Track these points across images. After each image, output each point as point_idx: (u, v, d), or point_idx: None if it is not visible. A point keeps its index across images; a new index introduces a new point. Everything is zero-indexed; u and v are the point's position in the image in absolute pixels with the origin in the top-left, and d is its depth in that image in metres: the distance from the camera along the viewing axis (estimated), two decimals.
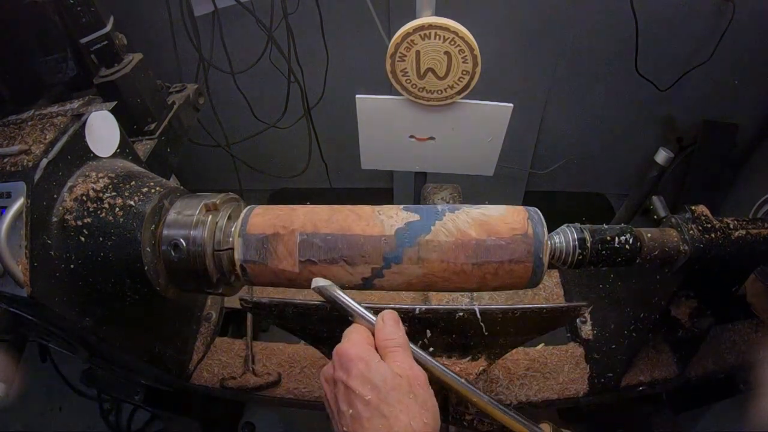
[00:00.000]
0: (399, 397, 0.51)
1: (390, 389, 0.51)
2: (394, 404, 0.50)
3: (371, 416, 0.50)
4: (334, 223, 0.64)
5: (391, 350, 0.56)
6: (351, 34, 1.63)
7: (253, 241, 0.64)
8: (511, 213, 0.64)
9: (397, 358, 0.55)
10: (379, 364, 0.53)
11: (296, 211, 0.66)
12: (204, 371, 1.02)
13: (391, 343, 0.56)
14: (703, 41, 1.58)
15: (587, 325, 1.02)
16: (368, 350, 0.55)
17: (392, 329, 0.57)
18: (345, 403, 0.53)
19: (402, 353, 0.56)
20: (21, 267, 0.60)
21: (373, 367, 0.53)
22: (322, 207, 0.68)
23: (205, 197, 0.70)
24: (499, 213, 0.64)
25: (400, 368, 0.54)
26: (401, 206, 0.66)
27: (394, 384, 0.51)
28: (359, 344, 0.55)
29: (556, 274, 1.15)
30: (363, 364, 0.53)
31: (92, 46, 0.92)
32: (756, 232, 0.72)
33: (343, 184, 2.04)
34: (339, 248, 0.63)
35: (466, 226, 0.62)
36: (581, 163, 1.97)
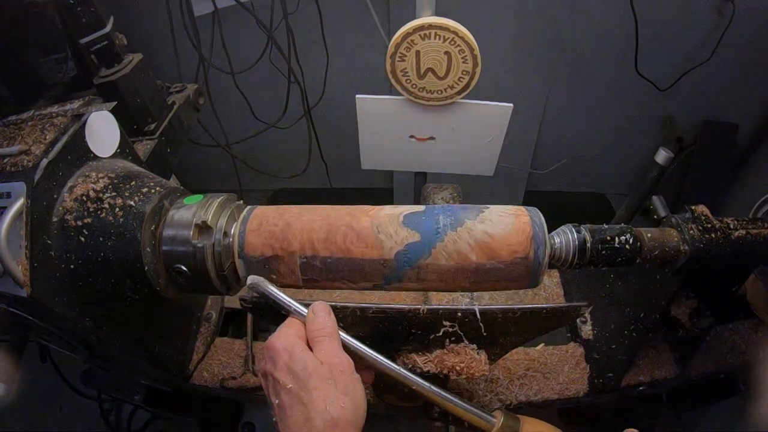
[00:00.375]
0: (317, 383, 0.52)
1: (308, 376, 0.52)
2: (311, 390, 0.52)
3: (292, 404, 0.52)
4: (333, 245, 0.63)
5: (319, 340, 0.57)
6: (351, 34, 1.63)
7: (253, 262, 0.65)
8: (515, 230, 0.62)
9: (323, 346, 0.56)
10: (302, 353, 0.55)
11: (292, 227, 0.64)
12: (204, 371, 1.02)
13: (319, 333, 0.58)
14: (703, 41, 1.58)
15: (587, 325, 1.02)
16: (294, 341, 0.56)
17: (321, 320, 0.59)
18: (273, 395, 0.55)
19: (328, 342, 0.57)
20: (21, 267, 0.60)
21: (296, 357, 0.54)
22: (317, 216, 0.65)
23: (195, 211, 0.69)
24: (502, 230, 0.62)
25: (324, 356, 0.55)
26: (401, 214, 0.64)
27: (313, 371, 0.53)
28: (285, 336, 0.57)
29: (556, 274, 1.15)
30: (287, 354, 0.55)
31: (92, 46, 0.92)
32: (756, 232, 0.72)
33: (343, 184, 2.04)
34: (340, 270, 0.63)
35: (467, 249, 0.61)
36: (581, 163, 1.97)
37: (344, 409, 0.51)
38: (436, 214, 0.64)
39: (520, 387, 0.95)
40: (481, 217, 0.63)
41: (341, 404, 0.51)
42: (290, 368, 0.54)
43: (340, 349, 0.57)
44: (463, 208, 0.66)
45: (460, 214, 0.64)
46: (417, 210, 0.65)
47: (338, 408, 0.51)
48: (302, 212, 0.66)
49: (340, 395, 0.52)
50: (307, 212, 0.66)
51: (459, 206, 0.67)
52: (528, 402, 0.94)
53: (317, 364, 0.54)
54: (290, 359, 0.54)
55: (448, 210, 0.65)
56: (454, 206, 0.67)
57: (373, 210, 0.66)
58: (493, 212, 0.64)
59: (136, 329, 0.83)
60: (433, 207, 0.66)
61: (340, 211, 0.66)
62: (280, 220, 0.65)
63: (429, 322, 0.66)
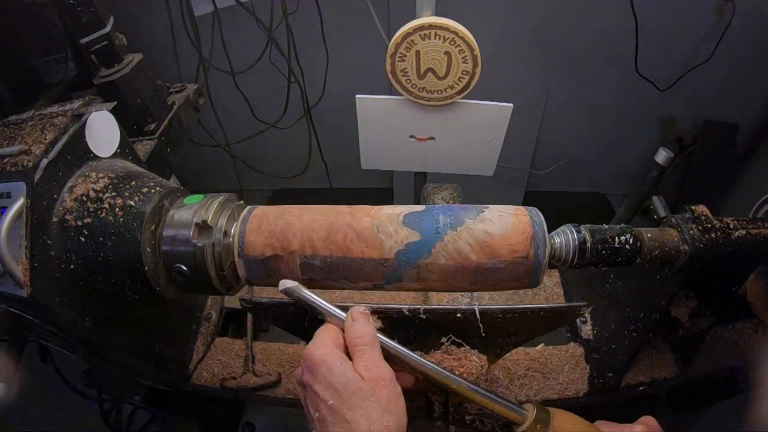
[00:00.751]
0: (359, 401, 0.51)
1: (351, 394, 0.51)
2: (354, 409, 0.50)
3: (334, 421, 0.51)
4: (333, 244, 0.62)
5: (359, 349, 0.56)
6: (351, 34, 1.63)
7: (253, 263, 0.65)
8: (515, 230, 0.62)
9: (364, 357, 0.55)
10: (342, 367, 0.53)
11: (292, 226, 0.64)
12: (204, 371, 1.02)
13: (359, 341, 0.56)
14: (703, 41, 1.58)
15: (587, 325, 1.01)
16: (333, 352, 0.55)
17: (360, 327, 0.57)
18: (312, 407, 0.53)
19: (369, 352, 0.55)
20: (21, 267, 0.60)
21: (335, 371, 0.53)
22: (319, 215, 0.65)
23: (195, 210, 0.69)
24: (502, 230, 0.62)
25: (365, 369, 0.54)
26: (401, 214, 0.64)
27: (356, 388, 0.51)
28: (324, 346, 0.55)
29: (556, 274, 1.15)
30: (326, 367, 0.53)
31: (92, 46, 0.92)
32: (756, 232, 0.72)
33: (343, 184, 2.04)
34: (340, 269, 0.63)
35: (468, 249, 0.61)
36: (581, 163, 1.98)
37: (388, 428, 0.50)
38: (436, 214, 0.64)
39: (520, 387, 0.95)
40: (481, 217, 0.63)
41: (385, 422, 0.50)
42: (330, 383, 0.52)
43: (381, 359, 0.55)
44: (463, 208, 0.65)
45: (460, 213, 0.64)
46: (417, 210, 0.65)
47: (382, 426, 0.50)
48: (302, 212, 0.66)
49: (383, 413, 0.51)
50: (307, 212, 0.66)
51: (459, 206, 0.66)
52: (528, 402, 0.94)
53: (359, 380, 0.52)
54: (329, 373, 0.52)
55: (448, 210, 0.64)
56: (454, 206, 0.67)
57: (374, 210, 0.65)
58: (493, 212, 0.64)
59: (136, 329, 0.83)
60: (433, 207, 0.66)
61: (340, 210, 0.66)
62: (281, 219, 0.65)
63: (429, 322, 0.66)
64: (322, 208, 0.67)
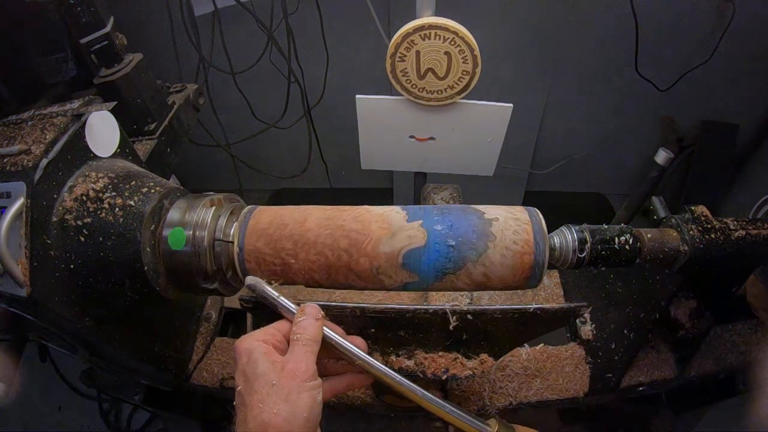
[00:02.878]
0: (259, 387, 0.53)
1: (255, 379, 0.53)
2: (252, 393, 0.53)
3: (239, 404, 0.54)
4: (335, 282, 0.65)
5: (293, 342, 0.57)
6: (351, 34, 1.63)
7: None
8: (514, 273, 0.62)
9: (293, 349, 0.57)
10: (258, 356, 0.55)
11: (291, 267, 0.64)
12: (204, 371, 1.02)
13: (295, 336, 0.58)
14: (703, 41, 1.58)
15: (587, 325, 1.01)
16: (256, 345, 0.56)
17: (303, 323, 0.59)
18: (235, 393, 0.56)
19: (300, 346, 0.57)
20: (21, 267, 0.60)
21: (252, 359, 0.55)
22: (313, 255, 0.63)
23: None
24: (501, 273, 0.62)
25: (287, 359, 0.55)
26: (401, 253, 0.61)
27: (261, 374, 0.53)
28: (251, 338, 0.58)
29: (556, 274, 1.15)
30: (245, 357, 0.56)
31: (92, 46, 0.92)
32: (756, 233, 0.72)
33: (343, 184, 2.04)
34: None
35: (463, 285, 0.63)
36: (581, 163, 1.98)
37: (276, 416, 0.51)
38: (437, 253, 0.61)
39: (520, 387, 0.95)
40: (483, 259, 0.61)
41: (275, 410, 0.51)
42: (244, 371, 0.55)
43: (307, 354, 0.56)
44: (468, 235, 0.62)
45: (462, 251, 0.61)
46: (417, 245, 0.62)
47: (270, 413, 0.51)
48: (297, 249, 0.64)
49: (278, 401, 0.52)
50: (301, 249, 0.64)
51: (463, 231, 0.62)
52: (527, 402, 0.94)
53: (268, 368, 0.54)
54: (247, 362, 0.55)
55: (448, 246, 0.61)
56: (457, 230, 0.62)
57: (370, 243, 0.62)
58: (498, 249, 0.61)
59: (136, 329, 0.83)
60: (435, 233, 0.62)
61: (335, 247, 0.63)
62: (277, 259, 0.65)
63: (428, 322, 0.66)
64: (314, 235, 0.64)
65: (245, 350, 0.56)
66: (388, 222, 0.63)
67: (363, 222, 0.64)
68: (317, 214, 0.66)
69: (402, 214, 0.65)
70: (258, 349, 0.56)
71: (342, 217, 0.65)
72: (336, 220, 0.65)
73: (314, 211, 0.67)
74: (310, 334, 0.58)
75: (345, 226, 0.64)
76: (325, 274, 0.64)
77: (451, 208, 0.66)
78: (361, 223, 0.64)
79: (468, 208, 0.66)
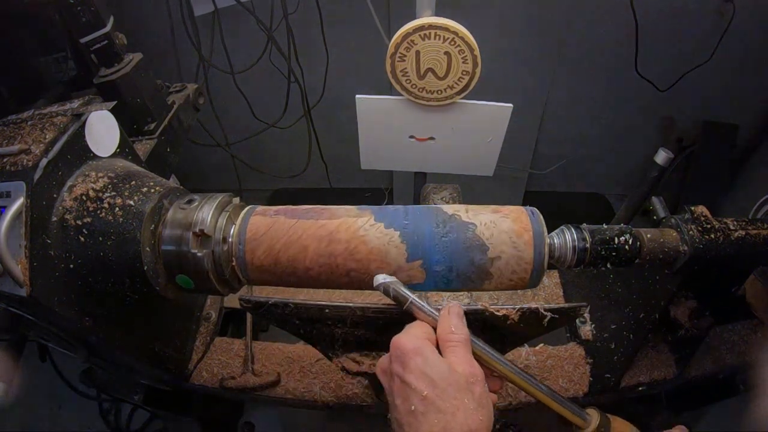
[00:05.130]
0: (456, 393, 0.50)
1: (447, 385, 0.50)
2: (450, 400, 0.50)
3: (426, 411, 0.50)
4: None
5: (452, 345, 0.55)
6: (351, 34, 1.63)
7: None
8: (511, 288, 0.65)
9: (457, 353, 0.54)
10: (437, 359, 0.53)
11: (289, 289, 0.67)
12: (204, 371, 1.02)
13: (453, 337, 0.55)
14: (703, 41, 1.58)
15: (587, 325, 1.02)
16: (426, 344, 0.54)
17: (455, 323, 0.56)
18: (400, 397, 0.52)
19: (462, 348, 0.55)
20: (21, 267, 0.60)
21: (430, 362, 0.52)
22: (316, 282, 0.65)
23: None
24: (498, 286, 0.65)
25: (458, 364, 0.53)
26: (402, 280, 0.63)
27: (452, 380, 0.51)
28: (417, 337, 0.55)
29: (556, 274, 1.15)
30: (420, 358, 0.52)
31: (92, 46, 0.92)
32: (756, 233, 0.72)
33: (343, 184, 2.04)
34: None
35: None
36: (581, 163, 1.98)
37: (482, 422, 0.50)
38: (433, 286, 0.64)
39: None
40: (485, 285, 0.64)
41: (480, 417, 0.50)
42: (424, 373, 0.51)
43: (471, 356, 0.55)
44: (466, 270, 0.62)
45: (459, 285, 0.64)
46: (416, 282, 0.63)
47: (477, 421, 0.49)
48: (296, 265, 0.64)
49: (478, 407, 0.50)
50: (300, 262, 0.64)
51: (461, 270, 0.63)
52: (528, 402, 0.94)
53: (454, 373, 0.52)
54: (424, 363, 0.52)
55: (449, 279, 0.63)
56: (455, 271, 0.63)
57: (371, 281, 0.62)
58: (491, 285, 0.64)
59: (136, 329, 0.83)
60: (433, 272, 0.63)
61: (336, 283, 0.65)
62: (275, 283, 0.68)
63: None
64: (314, 272, 0.64)
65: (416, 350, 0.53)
66: (387, 261, 0.62)
67: (360, 260, 0.63)
68: (313, 245, 0.64)
69: (401, 249, 0.62)
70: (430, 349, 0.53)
71: (338, 251, 0.63)
72: (333, 255, 0.63)
73: (308, 230, 0.64)
74: (466, 334, 0.56)
75: (344, 265, 0.63)
76: (324, 281, 0.66)
77: (455, 237, 0.63)
78: (358, 261, 0.63)
79: (473, 238, 0.62)
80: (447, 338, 0.55)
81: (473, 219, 0.63)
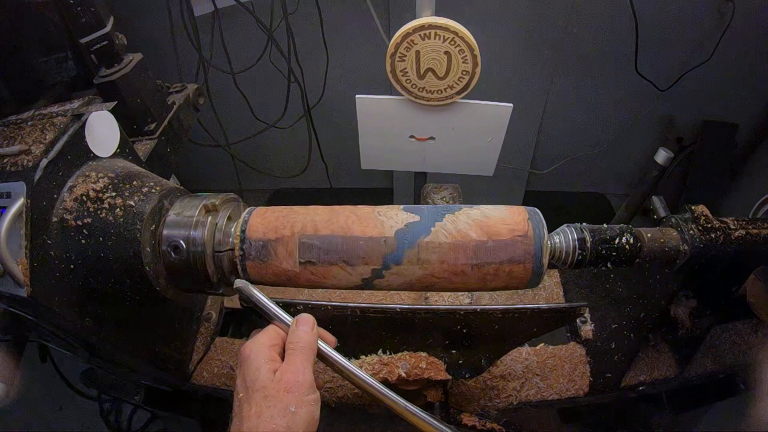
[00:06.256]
0: (258, 399, 0.52)
1: (255, 391, 0.53)
2: (251, 405, 0.52)
3: (238, 413, 0.54)
4: (334, 224, 0.63)
5: (290, 352, 0.57)
6: (351, 34, 1.63)
7: (253, 243, 0.65)
8: (512, 214, 0.64)
9: (291, 359, 0.56)
10: (260, 364, 0.55)
11: (296, 213, 0.66)
12: (204, 371, 1.02)
13: (291, 345, 0.58)
14: (703, 41, 1.58)
15: (587, 325, 1.02)
16: (261, 351, 0.57)
17: (300, 332, 0.59)
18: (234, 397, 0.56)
19: (298, 356, 0.56)
20: (21, 267, 0.60)
21: (253, 367, 0.55)
22: (322, 208, 0.67)
23: (205, 198, 0.70)
24: (499, 214, 0.64)
25: (285, 371, 0.55)
26: (401, 206, 0.66)
27: (261, 386, 0.53)
28: (257, 344, 0.57)
29: (556, 274, 1.15)
30: (248, 363, 0.56)
31: (92, 46, 0.91)
32: (756, 232, 0.72)
33: (343, 184, 2.04)
34: (338, 249, 0.63)
35: (466, 227, 0.62)
36: (581, 163, 1.97)
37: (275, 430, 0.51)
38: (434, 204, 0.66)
39: (520, 387, 0.95)
40: (477, 207, 0.66)
41: (273, 424, 0.51)
42: (245, 377, 0.55)
43: (305, 365, 0.56)
44: None
45: (455, 207, 0.66)
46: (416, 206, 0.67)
47: (269, 427, 0.51)
48: (306, 209, 0.68)
49: (275, 415, 0.51)
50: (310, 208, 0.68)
51: None
52: (527, 402, 0.94)
53: (269, 380, 0.54)
54: (248, 368, 0.55)
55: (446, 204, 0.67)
56: None
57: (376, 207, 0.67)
58: (487, 206, 0.66)
59: (136, 329, 0.83)
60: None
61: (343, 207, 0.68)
62: (284, 210, 0.67)
63: (429, 322, 0.66)
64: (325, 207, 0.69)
65: (248, 356, 0.56)
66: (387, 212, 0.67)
67: (360, 216, 0.67)
68: None
69: (400, 210, 0.68)
70: (261, 355, 0.56)
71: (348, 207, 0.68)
72: None
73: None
74: (307, 343, 0.58)
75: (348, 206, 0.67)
76: (327, 216, 0.65)
77: None
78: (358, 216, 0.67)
79: None
80: (288, 347, 0.58)
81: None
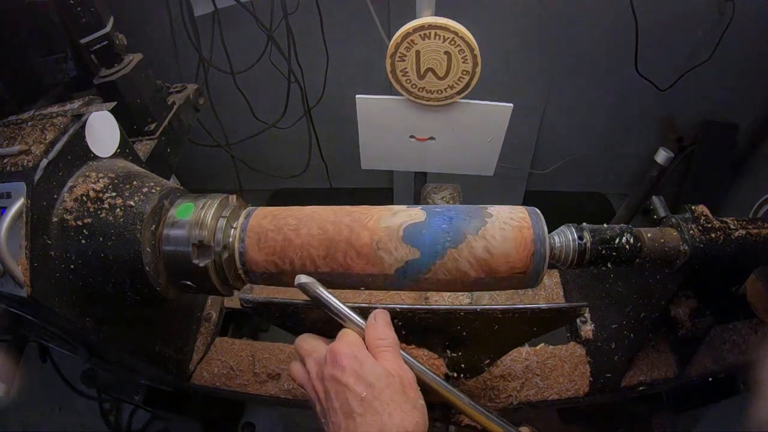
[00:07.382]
0: (392, 395, 0.52)
1: (384, 387, 0.52)
2: (387, 402, 0.51)
3: (364, 413, 0.51)
4: (333, 261, 0.63)
5: (383, 350, 0.56)
6: (351, 34, 1.63)
7: (257, 277, 0.67)
8: (517, 248, 0.61)
9: (388, 357, 0.56)
10: (373, 363, 0.54)
11: (292, 243, 0.63)
12: (204, 371, 1.02)
13: (383, 342, 0.57)
14: (703, 41, 1.58)
15: (587, 325, 1.01)
16: (362, 349, 0.56)
17: (383, 329, 0.58)
18: (338, 400, 0.54)
19: (393, 353, 0.56)
20: (21, 267, 0.60)
21: (366, 366, 0.54)
22: (314, 229, 0.64)
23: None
24: (503, 246, 0.61)
25: (391, 368, 0.55)
26: (402, 227, 0.62)
27: (388, 382, 0.52)
28: (353, 344, 0.57)
29: (556, 274, 1.15)
30: (357, 362, 0.54)
31: (92, 46, 0.92)
32: (756, 232, 0.72)
33: (343, 184, 2.04)
34: (341, 283, 0.64)
35: (467, 266, 0.61)
36: (581, 163, 1.97)
37: (417, 424, 0.51)
38: (437, 226, 0.62)
39: (520, 387, 0.95)
40: (482, 232, 0.61)
41: (415, 419, 0.51)
42: (361, 376, 0.53)
43: (402, 361, 0.57)
44: (465, 215, 0.63)
45: (461, 225, 0.62)
46: (417, 220, 0.63)
47: (413, 423, 0.51)
48: (300, 225, 0.65)
49: (413, 409, 0.52)
50: (304, 224, 0.65)
51: (461, 211, 0.64)
52: (528, 402, 0.94)
53: (389, 376, 0.53)
54: (360, 367, 0.54)
55: (449, 219, 0.63)
56: (455, 211, 0.64)
57: (372, 219, 0.63)
58: (495, 224, 0.62)
59: (136, 329, 0.83)
60: (434, 213, 0.64)
61: (338, 222, 0.64)
62: (279, 234, 0.64)
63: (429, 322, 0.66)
64: (318, 215, 0.66)
65: (352, 355, 0.55)
66: (390, 207, 0.66)
67: (366, 207, 0.66)
68: (318, 216, 0.67)
69: (403, 206, 0.67)
70: (367, 354, 0.55)
71: (344, 220, 0.66)
72: (337, 220, 0.66)
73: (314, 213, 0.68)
74: (394, 340, 0.58)
75: (348, 208, 0.66)
76: (324, 250, 0.63)
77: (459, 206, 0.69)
78: (364, 207, 0.66)
79: (469, 208, 0.67)
80: (377, 344, 0.57)
81: None
